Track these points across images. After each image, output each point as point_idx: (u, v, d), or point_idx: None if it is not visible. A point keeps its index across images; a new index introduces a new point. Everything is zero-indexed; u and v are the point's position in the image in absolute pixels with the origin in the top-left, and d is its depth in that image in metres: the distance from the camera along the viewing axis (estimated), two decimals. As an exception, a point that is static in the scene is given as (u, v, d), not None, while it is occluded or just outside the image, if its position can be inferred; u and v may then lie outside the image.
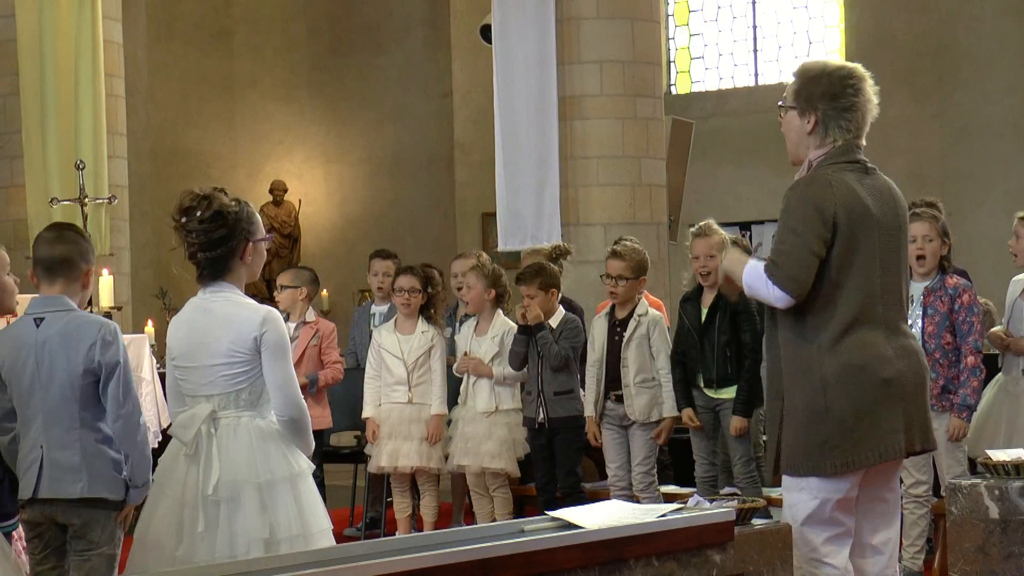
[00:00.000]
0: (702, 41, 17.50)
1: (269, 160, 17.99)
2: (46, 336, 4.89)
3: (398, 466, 8.24)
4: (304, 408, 4.81)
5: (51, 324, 4.91)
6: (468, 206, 16.67)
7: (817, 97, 4.57)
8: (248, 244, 4.79)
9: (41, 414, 4.89)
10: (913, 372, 4.58)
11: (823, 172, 4.54)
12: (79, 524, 4.89)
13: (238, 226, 4.76)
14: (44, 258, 4.99)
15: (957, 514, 5.36)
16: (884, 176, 4.66)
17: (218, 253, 4.74)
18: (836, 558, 4.63)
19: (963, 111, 15.22)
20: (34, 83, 11.12)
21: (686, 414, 7.48)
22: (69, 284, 4.98)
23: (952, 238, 6.98)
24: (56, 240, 5.01)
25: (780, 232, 4.52)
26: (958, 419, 6.71)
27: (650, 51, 11.71)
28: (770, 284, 4.47)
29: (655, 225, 11.50)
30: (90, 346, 4.87)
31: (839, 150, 4.56)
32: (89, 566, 4.86)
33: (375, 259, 9.36)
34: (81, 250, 5.02)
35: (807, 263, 4.45)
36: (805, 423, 4.51)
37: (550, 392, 7.79)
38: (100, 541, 4.90)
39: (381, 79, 17.71)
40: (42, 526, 4.93)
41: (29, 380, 4.90)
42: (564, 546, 4.13)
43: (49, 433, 4.88)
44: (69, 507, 4.89)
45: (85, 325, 4.93)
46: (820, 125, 4.57)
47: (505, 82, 11.10)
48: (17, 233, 11.11)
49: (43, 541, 4.95)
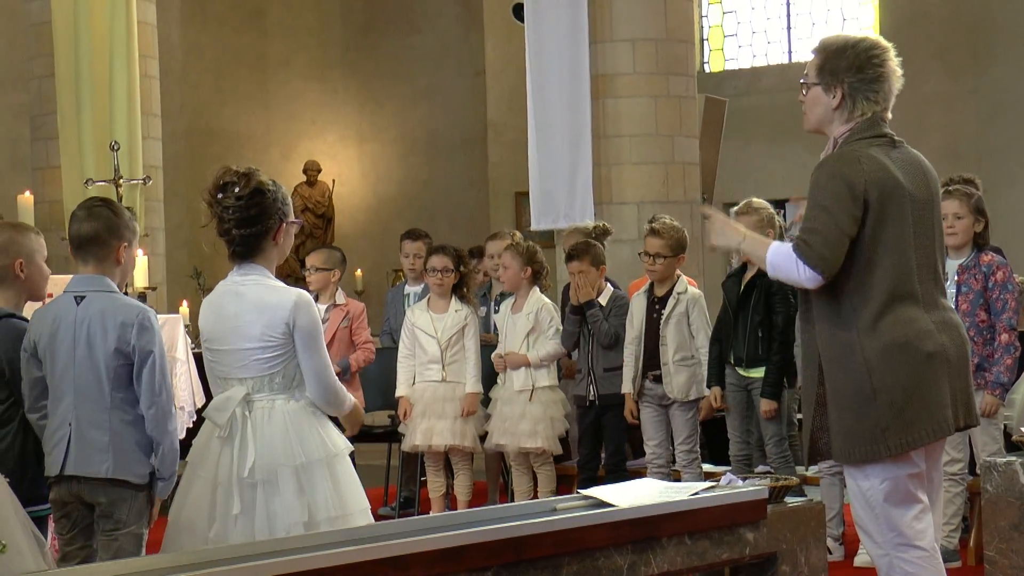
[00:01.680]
0: (735, 19, 17.42)
1: (303, 140, 18.02)
2: (85, 315, 4.89)
3: (432, 445, 8.26)
4: (339, 392, 4.83)
5: (91, 303, 4.91)
6: (501, 185, 16.67)
7: (842, 71, 4.50)
8: (282, 224, 4.80)
9: (72, 391, 4.90)
10: (956, 346, 4.49)
11: (851, 148, 4.47)
12: (106, 503, 4.90)
13: (275, 205, 4.76)
14: (74, 236, 4.97)
15: (992, 492, 5.33)
16: (911, 149, 4.59)
17: (253, 231, 4.73)
18: (924, 539, 4.47)
19: (999, 87, 15.10)
20: (69, 65, 11.16)
21: (714, 392, 7.47)
22: (101, 262, 4.95)
23: (988, 214, 6.92)
24: (86, 218, 4.97)
25: (809, 210, 4.46)
26: (991, 396, 6.68)
27: (683, 29, 11.66)
28: (800, 264, 4.38)
29: (688, 204, 11.46)
30: (127, 329, 4.86)
31: (864, 124, 4.49)
32: (117, 545, 4.86)
33: (406, 240, 9.36)
34: (111, 226, 4.96)
35: (838, 242, 4.38)
36: (854, 408, 4.41)
37: (600, 369, 7.82)
38: (128, 520, 4.90)
39: (414, 58, 17.71)
40: (69, 505, 4.93)
41: (64, 357, 4.90)
42: (596, 524, 4.14)
43: (79, 411, 4.89)
44: (96, 486, 4.89)
45: (125, 308, 4.92)
46: (847, 99, 4.50)
47: (537, 61, 11.07)
48: (53, 214, 11.18)
49: (71, 520, 4.96)
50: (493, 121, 16.78)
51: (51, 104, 11.43)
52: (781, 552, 4.61)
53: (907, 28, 14.90)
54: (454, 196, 17.41)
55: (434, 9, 17.74)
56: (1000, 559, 5.34)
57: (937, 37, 15.25)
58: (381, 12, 17.98)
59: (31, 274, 5.10)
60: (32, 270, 5.10)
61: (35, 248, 5.14)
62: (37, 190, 11.51)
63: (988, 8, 15.19)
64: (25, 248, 5.11)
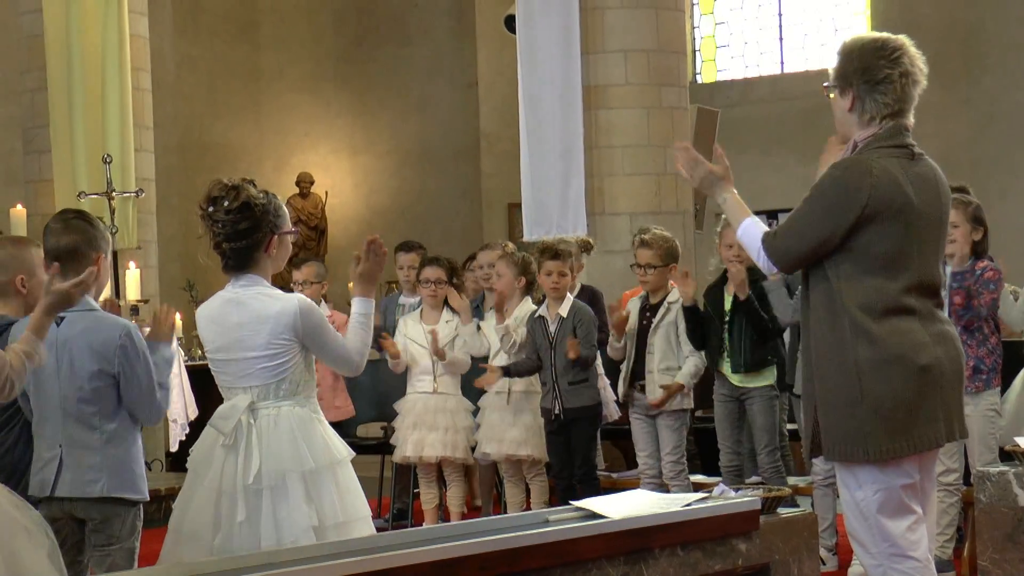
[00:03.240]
0: (727, 30, 17.44)
1: (295, 152, 18.02)
2: (67, 335, 4.87)
3: (423, 456, 8.25)
4: (360, 359, 4.85)
5: (72, 323, 4.89)
6: (494, 196, 16.68)
7: (851, 73, 4.49)
8: (273, 237, 4.80)
9: (60, 413, 4.88)
10: (950, 359, 4.48)
11: (867, 156, 4.43)
12: (99, 519, 4.89)
13: (264, 218, 4.77)
14: (51, 249, 4.96)
15: (986, 502, 5.34)
16: (930, 162, 4.55)
17: (243, 244, 4.75)
18: (918, 549, 4.45)
19: (991, 97, 15.13)
20: (61, 78, 11.17)
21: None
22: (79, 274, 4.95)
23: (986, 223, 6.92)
24: (62, 230, 4.96)
25: (801, 204, 4.47)
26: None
27: (675, 40, 11.68)
28: (761, 251, 4.47)
29: (681, 214, 11.47)
30: (111, 348, 4.85)
31: (886, 133, 4.46)
32: (110, 561, 4.85)
33: (400, 252, 9.35)
34: (88, 238, 4.96)
35: (807, 246, 4.41)
36: (841, 408, 4.42)
37: (564, 383, 7.76)
38: (121, 535, 4.90)
39: (407, 70, 17.72)
40: (60, 521, 4.90)
41: (48, 379, 4.88)
42: (590, 536, 4.14)
43: (68, 432, 4.87)
44: (89, 503, 4.88)
45: (106, 327, 4.90)
46: (858, 101, 4.48)
47: (529, 72, 11.08)
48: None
49: (60, 537, 4.91)
50: (486, 132, 16.79)
51: (44, 117, 11.43)
52: (774, 563, 4.61)
53: (899, 39, 14.91)
54: (447, 207, 17.41)
55: (427, 21, 17.76)
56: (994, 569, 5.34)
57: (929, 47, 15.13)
58: (374, 24, 17.99)
59: (32, 288, 5.05)
60: (34, 284, 5.05)
61: (36, 263, 5.10)
62: (30, 203, 11.51)
63: (980, 19, 15.23)
64: (26, 263, 5.08)
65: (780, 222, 4.55)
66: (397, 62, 17.76)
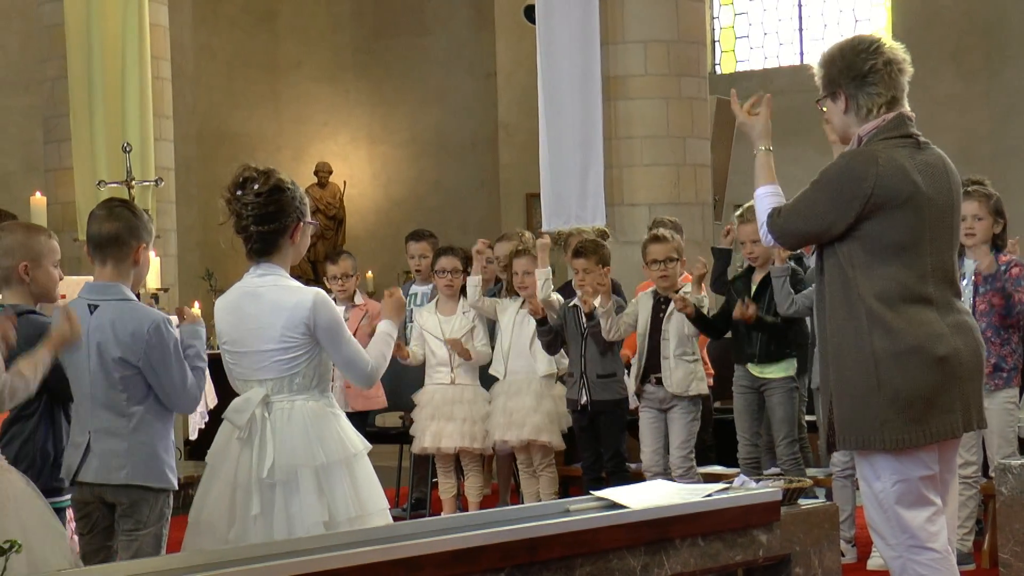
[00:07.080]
0: (747, 20, 17.41)
1: (314, 142, 18.04)
2: (99, 323, 4.88)
3: (441, 447, 8.26)
4: (374, 373, 4.86)
5: (104, 312, 4.89)
6: (512, 187, 16.67)
7: (837, 75, 4.56)
8: (300, 224, 4.80)
9: (90, 400, 4.90)
10: (970, 350, 4.49)
11: (873, 147, 4.47)
12: (127, 504, 4.91)
13: (293, 203, 4.77)
14: (93, 236, 4.96)
15: (1007, 495, 5.32)
16: (937, 150, 4.58)
17: (271, 228, 4.73)
18: (937, 541, 4.46)
19: (1012, 89, 15.07)
20: (81, 67, 11.18)
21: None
22: (119, 263, 4.94)
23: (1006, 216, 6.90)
24: (106, 218, 4.96)
25: (808, 187, 4.52)
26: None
27: (694, 30, 11.66)
28: (764, 225, 4.61)
29: (700, 205, 11.45)
30: (138, 339, 4.85)
31: (890, 124, 4.49)
32: (136, 546, 4.87)
33: (411, 241, 9.31)
34: (131, 227, 4.96)
35: (808, 227, 4.51)
36: (857, 397, 4.43)
37: (593, 375, 7.76)
38: (148, 521, 4.91)
39: (425, 60, 17.72)
40: (90, 505, 4.95)
41: (80, 366, 4.90)
42: (610, 526, 4.13)
43: (96, 419, 4.89)
44: (117, 489, 4.91)
45: (137, 318, 4.90)
46: (851, 100, 4.53)
47: (548, 63, 11.07)
48: (65, 215, 11.19)
49: (91, 521, 4.97)
50: (504, 123, 16.77)
51: (64, 106, 11.45)
52: (795, 554, 4.60)
53: (920, 30, 14.87)
54: (465, 198, 17.41)
55: (445, 11, 17.75)
56: (1015, 562, 5.33)
57: (950, 39, 15.22)
58: (392, 14, 17.98)
59: (37, 277, 5.02)
60: (38, 274, 5.03)
61: (43, 252, 5.06)
62: (50, 192, 11.53)
63: (1001, 10, 15.16)
64: (32, 251, 5.03)
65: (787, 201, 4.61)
66: (416, 52, 17.75)
